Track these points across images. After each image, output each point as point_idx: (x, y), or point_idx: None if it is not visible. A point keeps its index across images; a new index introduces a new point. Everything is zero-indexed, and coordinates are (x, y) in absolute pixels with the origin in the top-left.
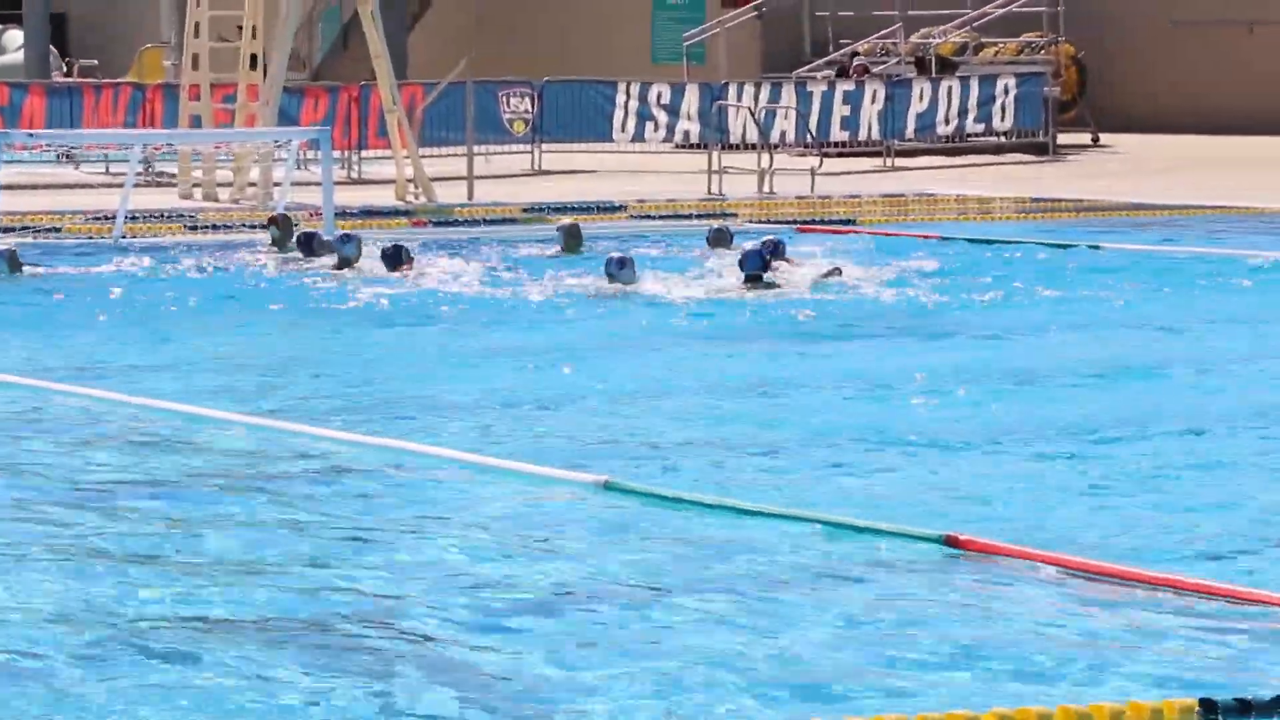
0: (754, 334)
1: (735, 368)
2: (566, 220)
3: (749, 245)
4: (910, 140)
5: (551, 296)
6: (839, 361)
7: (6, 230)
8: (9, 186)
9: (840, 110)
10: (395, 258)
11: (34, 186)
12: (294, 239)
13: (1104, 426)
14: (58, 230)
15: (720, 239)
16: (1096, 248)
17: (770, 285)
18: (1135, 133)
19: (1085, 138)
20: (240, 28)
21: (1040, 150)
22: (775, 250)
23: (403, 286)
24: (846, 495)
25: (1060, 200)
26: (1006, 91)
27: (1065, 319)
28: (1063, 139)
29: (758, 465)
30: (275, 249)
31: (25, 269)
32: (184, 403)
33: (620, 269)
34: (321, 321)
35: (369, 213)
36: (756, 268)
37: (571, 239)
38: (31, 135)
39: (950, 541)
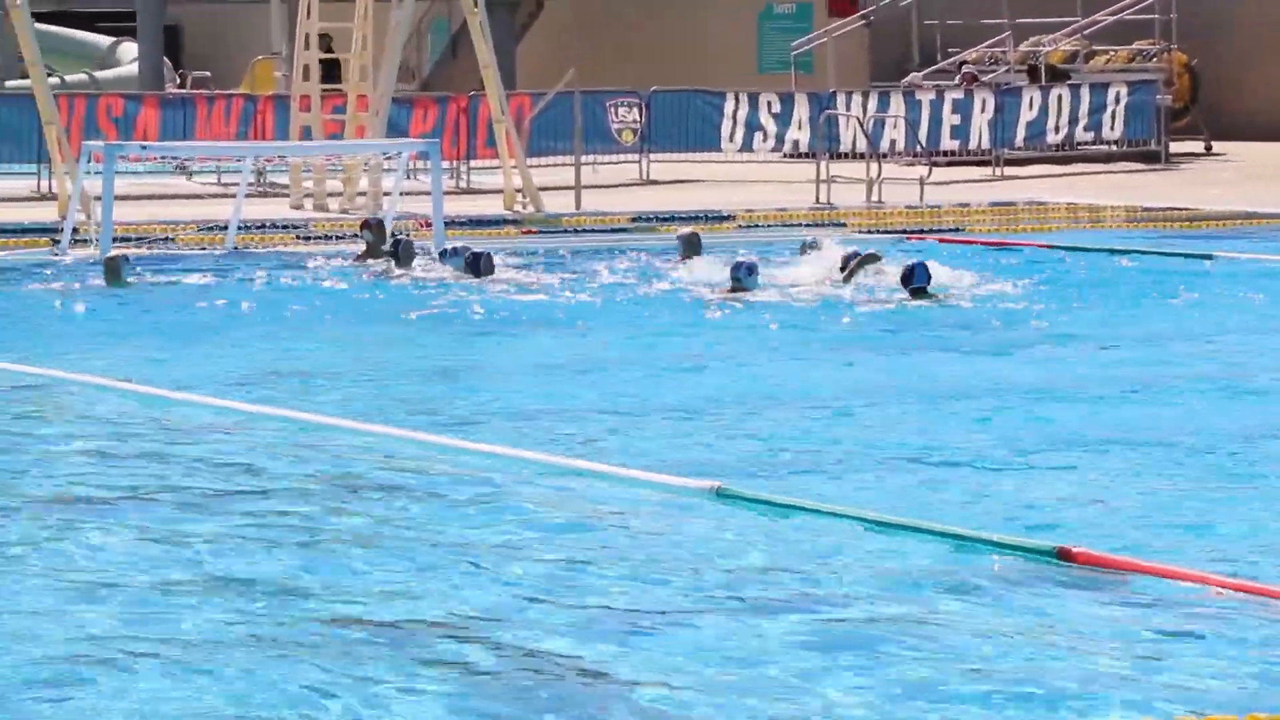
0: (871, 343)
1: (850, 376)
2: (686, 229)
3: (911, 260)
4: (1020, 149)
5: (671, 302)
6: (952, 370)
7: (122, 240)
8: (123, 197)
9: (949, 119)
10: (475, 264)
11: (148, 197)
12: (388, 245)
13: (1219, 437)
14: (170, 240)
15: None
16: (1209, 257)
17: (932, 296)
18: (1249, 140)
19: (1198, 146)
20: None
21: (1152, 159)
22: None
23: (513, 294)
24: (958, 506)
25: (1172, 209)
26: (1118, 100)
27: (1177, 328)
28: (1175, 147)
29: (869, 473)
30: (368, 255)
31: (130, 279)
32: (288, 409)
33: (748, 275)
34: (430, 330)
35: (477, 222)
36: (924, 281)
37: (690, 248)
38: (145, 147)
39: (1063, 554)
